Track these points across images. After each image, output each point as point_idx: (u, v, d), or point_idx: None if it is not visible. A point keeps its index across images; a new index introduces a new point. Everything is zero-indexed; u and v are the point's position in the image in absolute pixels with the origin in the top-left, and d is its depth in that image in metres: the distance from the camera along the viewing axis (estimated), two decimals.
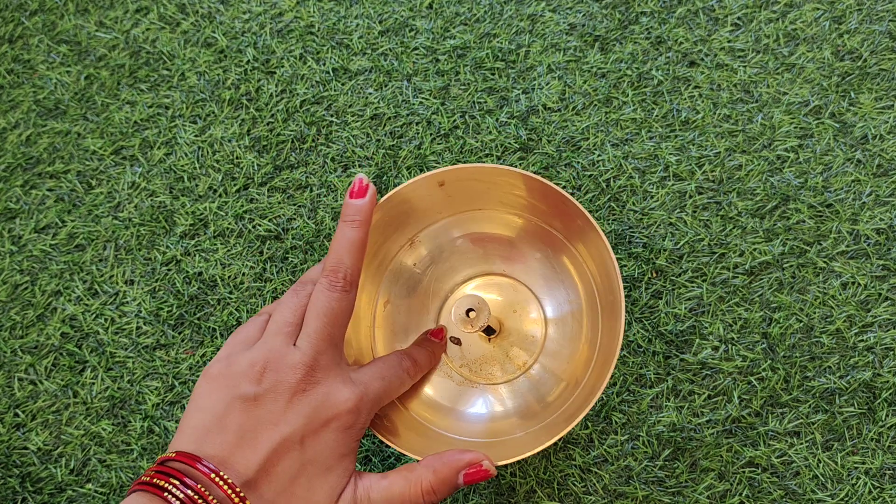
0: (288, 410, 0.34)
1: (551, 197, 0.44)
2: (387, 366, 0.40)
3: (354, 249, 0.39)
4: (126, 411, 0.54)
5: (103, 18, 0.66)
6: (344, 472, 0.35)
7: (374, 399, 0.38)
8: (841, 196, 0.56)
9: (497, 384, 0.47)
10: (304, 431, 0.34)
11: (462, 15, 0.63)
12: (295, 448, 0.34)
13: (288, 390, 0.35)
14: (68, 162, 0.61)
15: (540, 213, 0.47)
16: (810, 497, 0.49)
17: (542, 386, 0.46)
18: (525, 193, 0.45)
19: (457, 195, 0.47)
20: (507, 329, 0.48)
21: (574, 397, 0.42)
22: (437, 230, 0.49)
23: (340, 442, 0.35)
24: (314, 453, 0.34)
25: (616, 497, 0.50)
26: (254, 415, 0.34)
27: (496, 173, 0.44)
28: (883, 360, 0.52)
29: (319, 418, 0.35)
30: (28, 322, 0.57)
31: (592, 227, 0.42)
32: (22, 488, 0.52)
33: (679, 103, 0.59)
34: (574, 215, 0.43)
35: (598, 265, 0.44)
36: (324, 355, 0.36)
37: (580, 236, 0.45)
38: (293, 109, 0.61)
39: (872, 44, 0.60)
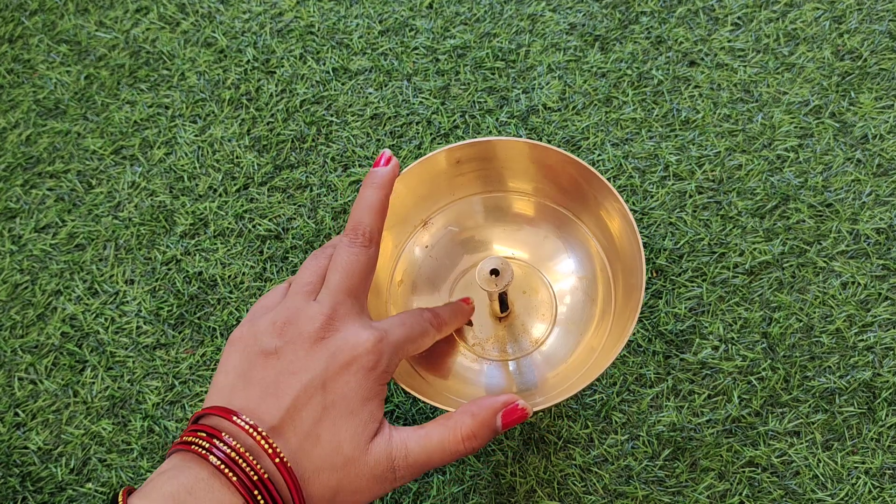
0: (307, 358, 0.35)
1: (567, 166, 0.45)
2: (408, 315, 0.41)
3: (374, 210, 0.40)
4: (126, 411, 0.54)
5: (103, 18, 0.66)
6: (370, 417, 0.35)
7: (395, 343, 0.37)
8: (841, 196, 0.56)
9: (510, 360, 0.48)
10: (324, 376, 0.35)
11: (462, 15, 0.63)
12: (317, 393, 0.34)
13: (307, 340, 0.35)
14: (68, 162, 0.61)
15: (549, 191, 0.48)
16: (810, 497, 0.49)
17: (554, 359, 0.47)
18: (536, 168, 0.46)
19: (469, 174, 0.48)
20: (517, 310, 0.49)
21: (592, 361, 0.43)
22: (450, 212, 0.50)
23: (362, 384, 0.35)
24: (336, 397, 0.35)
25: (616, 497, 0.50)
26: (275, 367, 0.35)
27: (510, 146, 0.45)
28: (883, 360, 0.52)
29: (338, 361, 0.35)
30: (28, 321, 0.57)
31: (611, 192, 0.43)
32: (22, 488, 0.52)
33: (679, 103, 0.59)
34: (590, 185, 0.44)
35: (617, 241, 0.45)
36: (343, 305, 0.37)
37: (594, 209, 0.45)
38: (293, 109, 0.61)
39: (872, 43, 0.60)
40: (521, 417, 0.37)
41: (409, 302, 0.49)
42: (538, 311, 0.48)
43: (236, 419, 0.33)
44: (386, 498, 0.50)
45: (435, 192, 0.49)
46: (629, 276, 0.44)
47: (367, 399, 0.35)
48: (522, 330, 0.48)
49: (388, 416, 0.53)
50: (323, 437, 0.34)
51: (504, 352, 0.48)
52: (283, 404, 0.34)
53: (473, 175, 0.49)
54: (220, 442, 0.32)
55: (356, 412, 0.35)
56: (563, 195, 0.48)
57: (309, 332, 0.36)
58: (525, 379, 0.47)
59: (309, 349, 0.35)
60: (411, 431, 0.36)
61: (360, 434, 0.35)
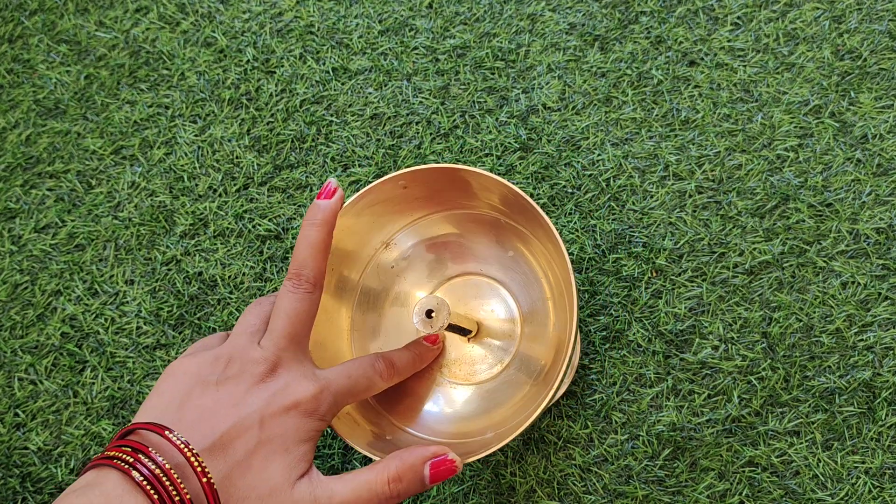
0: (249, 394, 0.35)
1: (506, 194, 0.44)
2: (356, 365, 0.40)
3: (316, 251, 0.39)
4: (126, 411, 0.54)
5: (103, 18, 0.66)
6: (302, 457, 0.35)
7: (336, 393, 0.38)
8: (841, 195, 0.56)
9: (474, 384, 0.47)
10: (262, 413, 0.35)
11: (462, 14, 0.63)
12: (254, 427, 0.35)
13: (249, 378, 0.36)
14: (68, 162, 0.61)
15: (506, 209, 0.47)
16: (810, 496, 0.49)
17: (515, 384, 0.46)
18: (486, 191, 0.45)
19: (425, 196, 0.47)
20: (486, 328, 0.48)
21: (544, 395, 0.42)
22: (412, 231, 0.50)
23: (300, 427, 0.36)
24: (272, 434, 0.35)
25: (616, 497, 0.50)
26: (214, 396, 0.35)
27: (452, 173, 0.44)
28: (883, 360, 0.52)
29: (279, 404, 0.35)
30: (28, 322, 0.57)
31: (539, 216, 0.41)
32: (22, 488, 0.52)
33: (679, 103, 0.59)
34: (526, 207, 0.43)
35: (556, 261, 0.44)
36: (286, 352, 0.37)
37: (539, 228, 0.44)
38: (293, 109, 0.61)
39: (872, 43, 0.60)
40: (449, 471, 0.37)
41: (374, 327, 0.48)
42: (504, 328, 0.48)
43: (169, 434, 0.33)
44: None
45: (389, 215, 0.48)
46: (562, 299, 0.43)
47: (302, 441, 0.36)
48: (489, 350, 0.48)
49: None
50: (254, 466, 0.34)
51: (470, 374, 0.47)
52: (217, 430, 0.34)
53: (423, 199, 0.47)
54: (145, 458, 0.32)
55: (290, 450, 0.35)
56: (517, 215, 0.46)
57: (252, 374, 0.36)
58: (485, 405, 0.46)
59: (250, 386, 0.36)
60: (338, 477, 0.36)
61: (290, 471, 0.35)
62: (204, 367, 0.36)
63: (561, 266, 0.43)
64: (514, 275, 0.49)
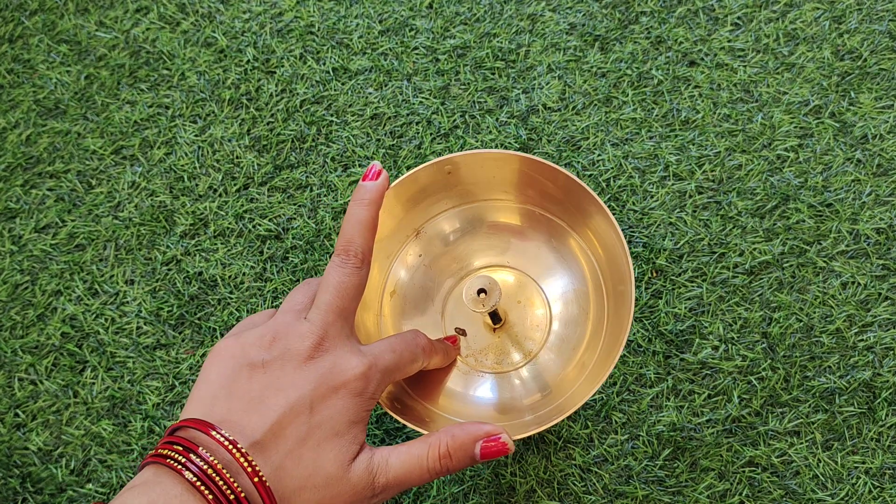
0: (296, 376, 0.35)
1: (559, 181, 0.45)
2: (399, 339, 0.40)
3: (364, 228, 0.39)
4: (126, 411, 0.54)
5: (103, 18, 0.66)
6: (354, 439, 0.35)
7: (384, 369, 0.37)
8: (841, 196, 0.56)
9: (502, 373, 0.47)
10: (312, 396, 0.34)
11: (462, 14, 0.63)
12: (304, 412, 0.34)
13: (296, 357, 0.35)
14: (68, 162, 0.61)
15: (544, 202, 0.48)
16: (810, 497, 0.49)
17: (546, 373, 0.46)
18: (527, 179, 0.46)
19: (463, 184, 0.48)
20: (512, 320, 0.49)
21: (580, 383, 0.43)
22: (443, 220, 0.50)
23: (350, 408, 0.35)
24: (322, 418, 0.34)
25: (616, 497, 0.50)
26: (262, 381, 0.34)
27: (503, 158, 0.45)
28: (883, 360, 0.52)
29: (328, 384, 0.35)
30: (28, 322, 0.57)
31: (601, 209, 0.43)
32: (22, 488, 0.52)
33: (679, 103, 0.59)
34: (581, 199, 0.44)
35: (606, 250, 0.45)
36: (333, 326, 0.37)
37: (586, 222, 0.45)
38: (293, 109, 0.61)
39: (872, 43, 0.60)
40: (500, 451, 0.36)
41: (401, 313, 0.49)
42: (533, 322, 0.48)
43: (214, 433, 0.32)
44: None
45: (427, 202, 0.49)
46: (619, 285, 0.43)
47: (352, 423, 0.35)
48: (517, 341, 0.48)
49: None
50: (306, 456, 0.34)
51: (497, 363, 0.48)
52: (267, 420, 0.33)
53: (465, 186, 0.48)
54: (196, 457, 0.31)
55: (341, 434, 0.35)
56: (555, 206, 0.48)
57: (298, 350, 0.35)
58: (516, 394, 0.46)
59: (297, 367, 0.35)
60: (392, 448, 0.36)
61: (343, 455, 0.34)
62: (249, 347, 0.35)
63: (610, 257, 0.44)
64: (544, 267, 0.49)
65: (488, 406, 0.46)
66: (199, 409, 0.34)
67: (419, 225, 0.49)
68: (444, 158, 0.46)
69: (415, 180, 0.46)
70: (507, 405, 0.46)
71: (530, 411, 0.44)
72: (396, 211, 0.47)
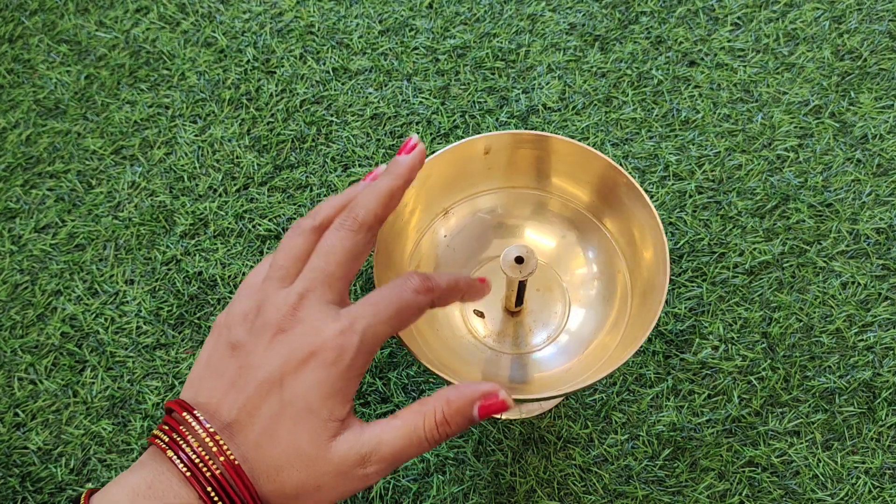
0: (268, 351, 0.34)
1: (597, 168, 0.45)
2: (384, 290, 0.36)
3: (380, 196, 0.37)
4: (126, 411, 0.54)
5: (103, 18, 0.66)
6: (330, 414, 0.33)
7: (363, 330, 0.34)
8: (841, 195, 0.56)
9: (519, 353, 0.48)
10: (282, 371, 0.33)
11: (462, 14, 0.63)
12: (274, 389, 0.33)
13: (269, 331, 0.34)
14: (68, 162, 0.61)
15: (575, 189, 0.48)
16: (810, 497, 0.49)
17: (564, 355, 0.47)
18: (566, 166, 0.46)
19: (496, 167, 0.48)
20: (530, 307, 0.49)
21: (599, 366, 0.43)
22: (472, 203, 0.50)
23: (323, 381, 0.33)
24: (293, 394, 0.33)
25: (616, 497, 0.50)
26: (240, 359, 0.34)
27: (541, 140, 0.46)
28: (883, 360, 0.52)
29: (296, 356, 0.33)
30: (28, 322, 0.57)
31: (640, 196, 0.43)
32: (22, 488, 0.52)
33: (679, 103, 0.59)
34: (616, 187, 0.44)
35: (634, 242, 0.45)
36: (314, 293, 0.35)
37: (619, 211, 0.46)
38: (293, 109, 0.61)
39: (872, 43, 0.60)
40: (499, 408, 0.34)
41: None
42: (550, 311, 0.49)
43: (187, 416, 0.33)
44: (386, 498, 0.50)
45: (459, 182, 0.48)
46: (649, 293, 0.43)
47: (328, 396, 0.33)
48: (532, 328, 0.48)
49: None
50: (281, 434, 0.33)
51: (512, 346, 0.48)
52: (240, 399, 0.33)
53: (501, 168, 0.48)
54: (179, 438, 0.32)
55: (315, 410, 0.33)
56: (586, 194, 0.48)
57: (271, 324, 0.34)
58: (531, 373, 0.47)
59: (269, 342, 0.34)
60: (384, 423, 0.34)
61: (319, 432, 0.33)
62: (234, 324, 0.35)
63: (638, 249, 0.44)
64: (566, 256, 0.49)
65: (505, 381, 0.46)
66: (190, 389, 0.35)
67: (449, 205, 0.49)
68: (481, 136, 0.45)
69: (451, 158, 0.46)
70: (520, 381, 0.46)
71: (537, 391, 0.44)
72: (430, 186, 0.47)
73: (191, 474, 0.32)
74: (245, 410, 0.33)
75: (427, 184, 0.47)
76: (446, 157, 0.46)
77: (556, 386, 0.44)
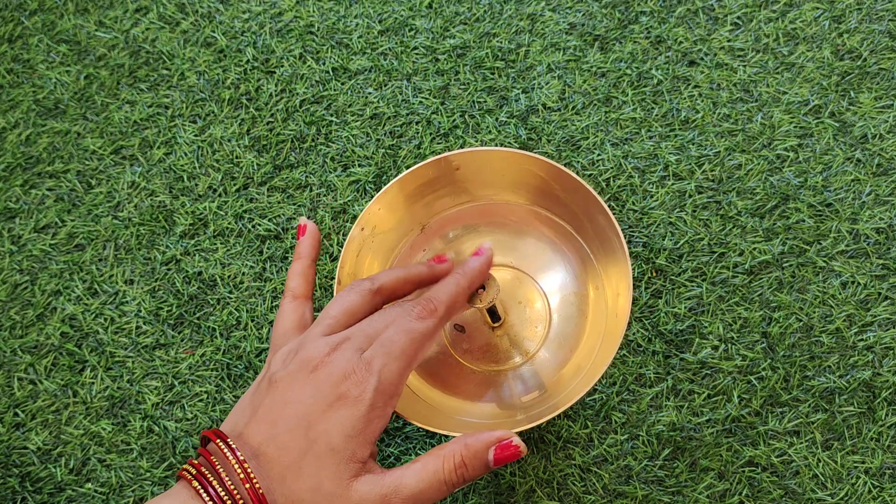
0: (300, 390, 0.36)
1: (563, 181, 0.45)
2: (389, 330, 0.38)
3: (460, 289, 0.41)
4: (126, 411, 0.54)
5: (103, 18, 0.66)
6: (352, 455, 0.35)
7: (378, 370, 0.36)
8: (841, 195, 0.56)
9: (500, 371, 0.47)
10: (309, 413, 0.35)
11: (462, 14, 0.63)
12: (303, 427, 0.35)
13: (305, 369, 0.36)
14: (68, 162, 0.61)
15: (548, 202, 0.48)
16: (810, 496, 0.49)
17: (543, 373, 0.46)
18: (538, 181, 0.46)
19: (469, 181, 0.48)
20: (511, 320, 0.49)
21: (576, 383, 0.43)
22: (448, 217, 0.50)
23: (346, 421, 0.35)
24: (319, 432, 0.35)
25: (616, 497, 0.50)
26: (275, 396, 0.36)
27: (512, 157, 0.46)
28: (883, 360, 0.52)
29: (325, 400, 0.35)
30: (28, 322, 0.57)
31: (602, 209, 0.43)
32: (21, 488, 0.52)
33: (679, 103, 0.59)
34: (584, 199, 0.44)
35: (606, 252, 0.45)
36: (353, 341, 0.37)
37: (589, 222, 0.46)
38: (293, 109, 0.61)
39: (872, 43, 0.60)
40: (513, 455, 0.37)
41: None
42: (532, 322, 0.48)
43: (221, 443, 0.35)
44: None
45: (431, 197, 0.49)
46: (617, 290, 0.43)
47: (349, 437, 0.35)
48: (515, 341, 0.48)
49: None
50: (305, 470, 0.34)
51: (495, 362, 0.48)
52: (272, 432, 0.35)
53: (470, 183, 0.48)
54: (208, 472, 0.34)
55: (338, 450, 0.35)
56: (558, 206, 0.48)
57: (308, 363, 0.37)
58: (514, 392, 0.47)
59: (304, 380, 0.36)
60: (405, 467, 0.36)
61: (341, 472, 0.35)
62: (277, 361, 0.38)
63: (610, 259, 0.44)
64: (545, 268, 0.49)
65: (485, 404, 0.46)
66: (230, 419, 0.37)
67: (425, 221, 0.50)
68: (451, 154, 0.46)
69: (421, 175, 0.47)
70: (504, 403, 0.46)
71: (524, 410, 0.44)
72: (400, 205, 0.47)
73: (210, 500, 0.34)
74: (275, 444, 0.35)
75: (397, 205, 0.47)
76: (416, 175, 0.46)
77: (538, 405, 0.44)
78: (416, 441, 0.52)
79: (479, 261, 0.42)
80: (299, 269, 0.44)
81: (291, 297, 0.43)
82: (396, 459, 0.51)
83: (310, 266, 0.44)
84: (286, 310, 0.42)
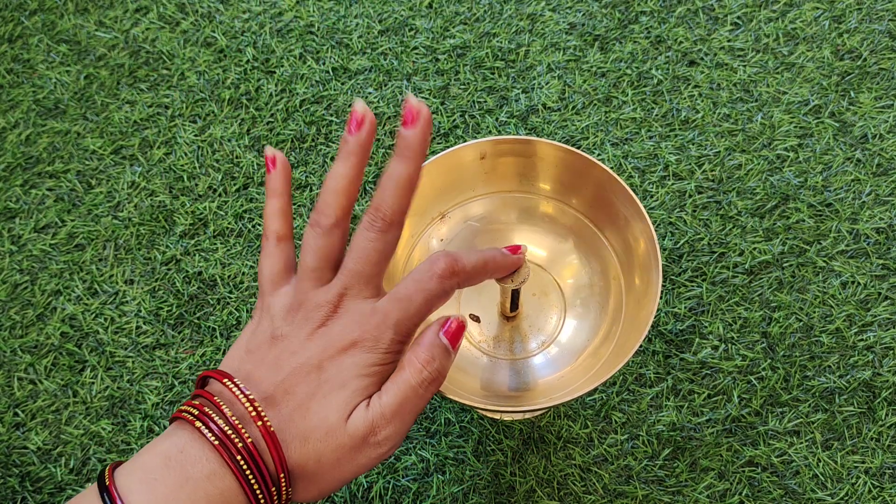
0: (307, 341, 0.37)
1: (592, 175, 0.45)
2: (408, 281, 0.38)
3: (399, 187, 0.38)
4: (126, 411, 0.54)
5: (103, 18, 0.66)
6: (357, 389, 0.36)
7: (395, 324, 0.37)
8: (841, 195, 0.56)
9: (513, 359, 0.48)
10: (321, 357, 0.36)
11: (462, 14, 0.63)
12: (314, 372, 0.36)
13: (311, 325, 0.37)
14: (68, 161, 0.61)
15: (571, 195, 0.48)
16: (810, 496, 0.49)
17: (557, 365, 0.47)
18: (565, 174, 0.46)
19: (494, 171, 0.48)
20: (526, 311, 0.49)
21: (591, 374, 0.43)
22: (469, 208, 0.50)
23: (359, 363, 0.36)
24: (330, 374, 0.36)
25: (616, 496, 0.50)
26: (279, 346, 0.37)
27: (542, 148, 0.46)
28: (883, 360, 0.52)
29: (336, 345, 0.36)
30: (28, 321, 0.57)
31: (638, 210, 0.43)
32: (21, 488, 0.52)
33: (679, 103, 0.59)
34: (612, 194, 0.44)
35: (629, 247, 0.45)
36: (352, 289, 0.38)
37: (614, 217, 0.46)
38: (293, 109, 0.61)
39: (872, 43, 0.60)
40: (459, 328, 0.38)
41: None
42: (547, 315, 0.48)
43: (229, 384, 0.35)
44: (385, 498, 0.50)
45: (456, 186, 0.49)
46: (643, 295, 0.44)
47: (361, 375, 0.36)
48: (529, 332, 0.48)
49: None
50: (312, 409, 0.35)
51: (509, 351, 0.48)
52: (279, 377, 0.36)
53: (498, 173, 0.48)
54: (211, 410, 0.34)
55: (346, 385, 0.36)
56: (582, 199, 0.48)
57: (314, 320, 0.37)
58: (525, 380, 0.47)
59: (310, 334, 0.37)
60: (382, 390, 0.37)
61: (344, 403, 0.36)
62: (277, 321, 0.38)
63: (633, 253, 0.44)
64: (562, 261, 0.49)
65: (497, 386, 0.46)
66: (227, 366, 0.38)
67: (446, 209, 0.50)
68: (477, 142, 0.46)
69: (448, 162, 0.46)
70: (520, 389, 0.46)
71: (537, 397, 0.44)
72: (426, 191, 0.47)
73: (219, 443, 0.34)
74: (282, 388, 0.36)
75: (421, 191, 0.47)
76: (441, 162, 0.46)
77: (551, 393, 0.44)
78: (416, 441, 0.52)
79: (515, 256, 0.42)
80: (278, 207, 0.42)
81: (276, 239, 0.41)
82: (396, 459, 0.52)
83: (287, 203, 0.43)
84: (272, 253, 0.41)
